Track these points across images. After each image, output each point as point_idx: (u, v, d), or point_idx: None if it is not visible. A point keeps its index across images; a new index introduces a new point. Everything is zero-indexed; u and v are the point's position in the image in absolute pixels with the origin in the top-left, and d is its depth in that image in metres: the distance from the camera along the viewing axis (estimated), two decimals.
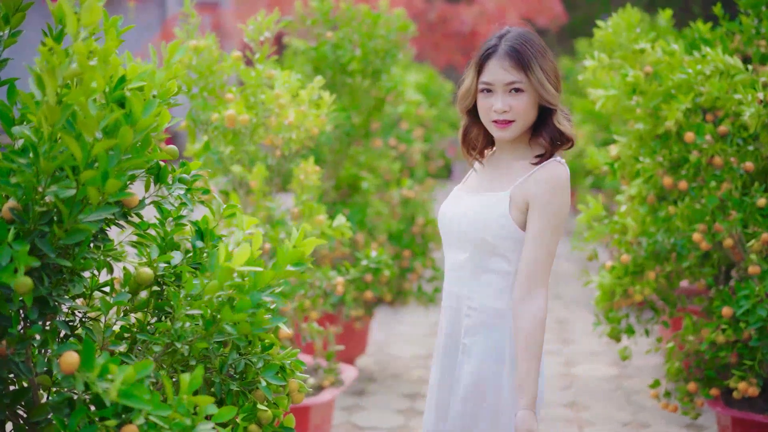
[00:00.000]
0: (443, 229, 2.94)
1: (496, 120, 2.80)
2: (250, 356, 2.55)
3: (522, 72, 2.76)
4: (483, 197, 2.85)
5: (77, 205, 2.13)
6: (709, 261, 4.63)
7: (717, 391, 4.33)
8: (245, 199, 4.51)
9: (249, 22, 4.30)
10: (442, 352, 2.94)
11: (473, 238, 2.82)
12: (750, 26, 4.92)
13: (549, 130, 2.83)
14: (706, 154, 4.28)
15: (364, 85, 5.97)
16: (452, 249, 2.91)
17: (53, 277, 2.23)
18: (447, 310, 2.94)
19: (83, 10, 1.99)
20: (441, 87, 10.40)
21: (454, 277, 2.90)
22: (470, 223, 2.82)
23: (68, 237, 2.14)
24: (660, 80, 4.35)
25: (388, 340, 7.18)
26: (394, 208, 6.51)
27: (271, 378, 2.54)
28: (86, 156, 2.06)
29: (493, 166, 2.93)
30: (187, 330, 2.36)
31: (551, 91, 2.78)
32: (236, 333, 2.32)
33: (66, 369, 2.02)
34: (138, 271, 2.37)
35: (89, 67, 2.00)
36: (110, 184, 2.08)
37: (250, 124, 4.13)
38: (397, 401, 5.74)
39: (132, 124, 2.13)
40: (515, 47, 2.77)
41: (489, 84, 2.79)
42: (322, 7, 5.81)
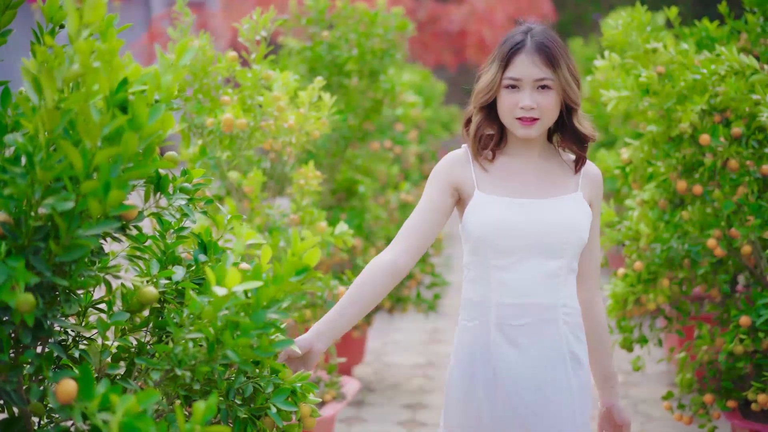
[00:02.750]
0: (518, 240, 2.69)
1: (521, 117, 2.68)
2: (258, 380, 2.38)
3: (551, 69, 2.67)
4: (561, 200, 2.75)
5: (76, 219, 1.95)
6: (722, 268, 4.48)
7: (734, 403, 4.17)
8: (240, 205, 4.33)
9: (244, 21, 4.12)
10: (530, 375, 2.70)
11: (573, 242, 2.72)
12: (756, 24, 4.79)
13: (570, 130, 2.78)
14: (721, 157, 4.13)
15: (360, 86, 5.80)
16: (536, 258, 2.70)
17: (47, 296, 2.05)
18: (525, 328, 2.71)
19: (86, 6, 1.80)
20: (433, 87, 10.24)
21: (543, 288, 2.71)
22: (569, 227, 2.71)
23: (66, 253, 1.95)
24: (672, 81, 4.19)
25: (386, 348, 7.01)
26: (392, 212, 6.34)
27: (282, 404, 2.37)
28: (87, 165, 1.87)
29: (521, 166, 2.79)
30: (188, 353, 2.17)
31: (575, 89, 2.71)
32: (239, 359, 2.14)
33: (63, 399, 1.84)
34: (141, 290, 2.19)
35: (92, 69, 1.82)
36: (113, 195, 1.90)
37: (248, 128, 3.95)
38: (397, 413, 5.57)
39: (136, 131, 1.94)
40: (545, 43, 2.68)
41: (516, 80, 2.68)
42: (318, 6, 5.64)
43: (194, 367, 2.17)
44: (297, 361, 2.57)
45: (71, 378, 1.89)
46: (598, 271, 2.92)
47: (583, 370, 2.77)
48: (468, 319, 2.79)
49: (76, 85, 1.97)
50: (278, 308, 2.15)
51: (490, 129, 2.80)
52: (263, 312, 2.11)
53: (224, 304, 2.05)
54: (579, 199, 2.77)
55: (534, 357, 2.70)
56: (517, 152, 2.80)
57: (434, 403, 5.76)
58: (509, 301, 2.70)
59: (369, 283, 2.68)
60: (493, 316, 2.72)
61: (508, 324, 2.70)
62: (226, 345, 2.11)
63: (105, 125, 1.88)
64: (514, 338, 2.70)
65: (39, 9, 2.32)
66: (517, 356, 2.70)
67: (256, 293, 2.10)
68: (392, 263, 2.70)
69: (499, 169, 2.79)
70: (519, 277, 2.70)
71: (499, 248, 2.70)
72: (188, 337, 2.13)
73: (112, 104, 1.98)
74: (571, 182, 2.80)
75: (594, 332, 2.91)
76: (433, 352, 6.96)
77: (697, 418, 4.29)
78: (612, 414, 2.93)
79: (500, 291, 2.71)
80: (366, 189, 6.04)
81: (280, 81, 3.99)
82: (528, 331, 2.70)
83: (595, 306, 2.90)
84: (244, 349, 2.13)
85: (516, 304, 2.70)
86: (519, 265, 2.70)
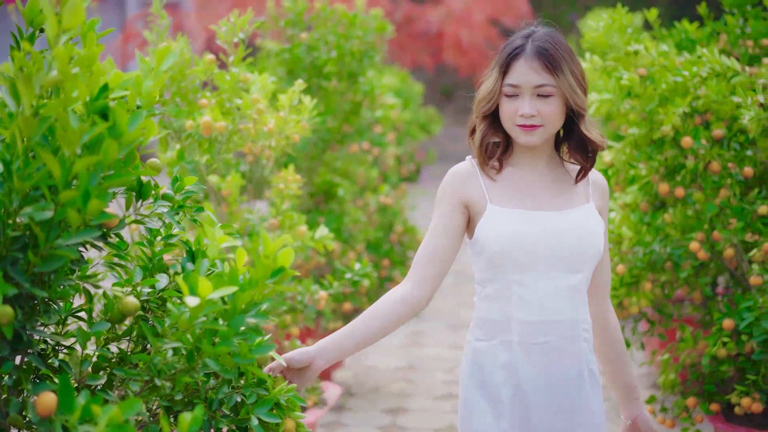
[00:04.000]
0: (539, 254, 2.58)
1: (522, 124, 2.56)
2: (242, 390, 2.33)
3: (552, 74, 2.54)
4: (577, 212, 2.64)
5: (54, 229, 1.90)
6: (703, 270, 4.46)
7: (717, 406, 4.16)
8: (218, 209, 4.28)
9: (222, 24, 4.06)
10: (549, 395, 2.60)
11: (592, 255, 2.62)
12: (735, 26, 4.79)
13: (576, 137, 2.64)
14: (703, 160, 4.11)
15: (339, 88, 5.76)
16: (557, 273, 2.59)
17: (26, 307, 2.00)
18: (547, 346, 2.60)
19: (66, 10, 1.75)
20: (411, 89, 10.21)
21: (565, 304, 2.60)
22: (588, 239, 2.61)
23: (45, 264, 1.90)
24: (654, 83, 4.18)
25: (365, 351, 6.96)
26: (371, 215, 6.30)
27: (265, 415, 2.31)
28: (66, 174, 1.82)
29: (530, 177, 2.67)
30: (167, 363, 2.13)
31: (581, 95, 2.58)
32: (219, 368, 2.10)
33: (42, 411, 1.80)
34: (123, 300, 2.14)
35: (71, 75, 1.77)
36: (93, 205, 1.85)
37: (227, 131, 3.90)
38: (378, 417, 5.53)
39: (116, 138, 1.89)
40: (545, 47, 2.55)
41: (515, 86, 2.56)
42: (296, 7, 5.60)
43: (174, 377, 2.12)
44: (293, 373, 2.51)
45: (51, 391, 1.85)
46: (608, 285, 2.84)
47: (599, 387, 2.69)
48: (485, 338, 2.66)
49: (55, 91, 1.93)
50: (257, 312, 2.11)
51: (496, 137, 2.67)
52: (241, 317, 2.06)
53: (200, 312, 2.00)
54: (592, 210, 2.67)
55: (556, 376, 2.61)
56: (524, 162, 2.68)
57: (415, 407, 5.73)
58: (532, 318, 2.59)
59: (379, 317, 2.57)
60: (516, 335, 2.60)
61: (532, 342, 2.59)
62: (205, 353, 2.06)
63: (84, 133, 1.83)
64: (537, 357, 2.59)
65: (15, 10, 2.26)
66: (540, 376, 2.60)
67: (233, 298, 2.06)
68: (406, 296, 2.58)
69: (508, 181, 2.67)
70: (541, 293, 2.59)
71: (518, 263, 2.58)
72: (167, 346, 2.08)
73: (92, 111, 1.93)
74: (581, 193, 2.70)
75: (612, 346, 2.85)
76: (413, 356, 6.93)
77: (679, 421, 4.27)
78: (638, 425, 2.87)
79: (522, 308, 2.59)
80: (345, 192, 6.00)
81: (259, 83, 3.94)
82: (549, 348, 2.60)
83: (610, 319, 2.84)
84: (224, 357, 2.09)
85: (539, 321, 2.59)
86: (540, 280, 2.59)
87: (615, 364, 2.86)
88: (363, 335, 2.56)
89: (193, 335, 2.07)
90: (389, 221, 6.43)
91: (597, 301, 2.79)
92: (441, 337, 7.41)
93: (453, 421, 5.49)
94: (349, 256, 5.74)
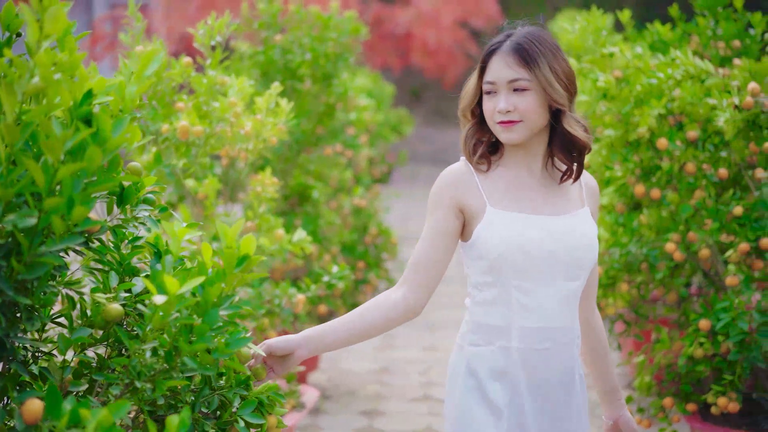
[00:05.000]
0: (540, 259, 2.53)
1: (500, 121, 2.51)
2: (224, 392, 2.31)
3: (526, 69, 2.48)
4: (574, 217, 2.59)
5: (38, 236, 1.88)
6: (678, 271, 4.49)
7: (694, 406, 4.18)
8: (194, 211, 4.25)
9: (199, 26, 4.04)
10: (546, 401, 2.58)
11: (588, 261, 2.59)
12: (706, 27, 4.83)
13: (561, 136, 2.55)
14: (678, 161, 4.14)
15: (313, 90, 5.75)
16: (557, 279, 2.55)
17: (8, 314, 1.98)
18: (544, 353, 2.56)
19: (47, 16, 1.73)
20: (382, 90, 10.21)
21: (564, 311, 2.57)
22: (587, 246, 2.57)
23: (28, 271, 1.88)
24: (630, 85, 4.19)
25: (340, 354, 6.95)
26: (345, 217, 6.29)
27: (250, 416, 2.31)
28: (49, 181, 1.80)
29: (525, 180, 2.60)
30: (146, 365, 2.11)
31: (558, 89, 2.49)
32: (197, 366, 2.08)
33: (29, 419, 1.77)
34: (106, 307, 2.12)
35: (54, 82, 1.75)
36: (77, 211, 1.83)
37: (204, 135, 3.87)
38: (355, 420, 5.52)
39: (100, 144, 1.88)
40: (520, 43, 2.50)
41: (492, 83, 2.52)
42: (270, 9, 5.58)
43: (154, 378, 2.11)
44: (275, 360, 2.48)
45: (36, 397, 1.83)
46: (596, 288, 2.84)
47: (585, 391, 2.69)
48: (482, 343, 2.60)
49: (36, 98, 1.90)
50: (230, 304, 2.10)
51: (480, 136, 2.62)
52: (215, 311, 2.05)
53: (172, 309, 1.98)
54: (587, 215, 2.63)
55: (552, 382, 2.57)
56: (518, 164, 2.61)
57: (391, 410, 5.72)
58: (533, 324, 2.54)
59: (368, 319, 2.52)
60: (515, 341, 2.55)
61: (531, 348, 2.55)
62: (183, 351, 2.05)
63: (68, 139, 1.81)
64: (535, 363, 2.55)
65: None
66: (538, 382, 2.56)
67: (203, 292, 2.05)
68: (399, 301, 2.54)
69: (504, 183, 2.60)
70: (541, 300, 2.54)
71: (520, 268, 2.52)
72: (145, 347, 2.07)
73: (75, 117, 1.91)
74: (576, 197, 2.65)
75: (596, 349, 2.85)
76: (387, 358, 6.92)
77: (656, 421, 4.31)
78: (620, 426, 2.89)
79: (523, 314, 2.54)
80: (319, 194, 5.99)
81: (236, 87, 3.92)
82: (547, 355, 2.56)
83: (596, 322, 2.84)
84: (202, 354, 2.08)
85: (539, 328, 2.55)
86: (541, 286, 2.54)
87: (599, 365, 2.86)
88: (349, 333, 2.52)
89: (170, 334, 2.06)
90: (363, 223, 6.42)
91: (584, 304, 2.78)
92: (414, 339, 7.40)
93: (429, 422, 5.48)
94: (325, 258, 5.72)
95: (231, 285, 2.05)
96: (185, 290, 1.91)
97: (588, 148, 2.59)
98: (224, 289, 2.04)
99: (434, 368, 6.65)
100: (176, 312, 1.97)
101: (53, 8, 1.73)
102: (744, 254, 3.95)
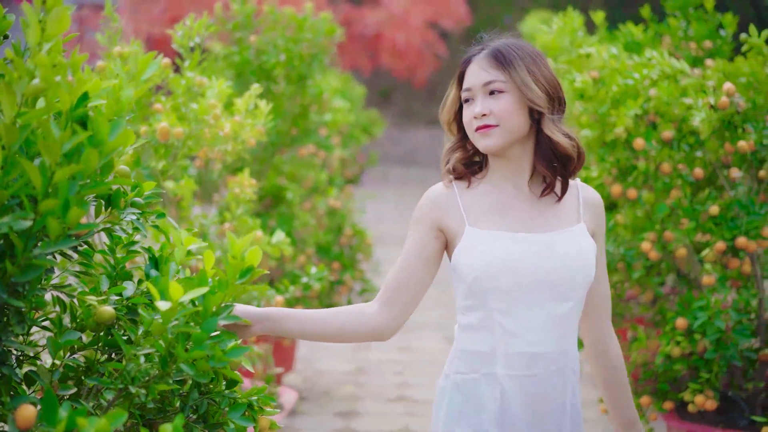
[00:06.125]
0: (522, 280, 2.38)
1: (477, 127, 2.40)
2: (212, 395, 2.31)
3: (501, 70, 2.40)
4: (565, 234, 2.44)
5: (32, 238, 1.87)
6: (654, 270, 4.52)
7: (671, 404, 4.22)
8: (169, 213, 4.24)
9: (177, 27, 4.03)
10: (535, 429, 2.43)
11: (582, 281, 2.43)
12: (678, 28, 4.87)
13: (543, 144, 2.44)
14: (654, 161, 4.17)
15: (288, 91, 5.74)
16: (544, 301, 2.40)
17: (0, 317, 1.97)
18: (533, 380, 2.42)
19: (51, 18, 1.72)
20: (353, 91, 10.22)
21: (552, 335, 2.41)
22: (577, 264, 2.41)
23: (22, 274, 1.87)
24: (606, 86, 4.23)
25: (315, 355, 6.95)
26: (320, 218, 6.28)
27: (240, 419, 2.30)
28: (46, 183, 1.80)
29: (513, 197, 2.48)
30: (141, 370, 2.11)
31: (535, 90, 2.38)
32: (194, 373, 2.08)
33: (22, 425, 1.76)
34: (98, 309, 2.11)
35: (55, 84, 1.74)
36: (72, 213, 1.83)
37: (183, 136, 3.86)
38: (331, 421, 5.52)
39: (97, 147, 1.87)
40: (496, 47, 2.44)
41: (469, 90, 2.44)
42: (245, 10, 5.57)
43: (148, 384, 2.10)
44: (231, 326, 2.39)
45: (29, 403, 1.82)
46: (608, 309, 2.61)
47: (580, 423, 2.51)
48: (466, 371, 2.47)
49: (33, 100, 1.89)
50: (228, 314, 2.10)
51: (464, 153, 2.53)
52: (213, 320, 2.05)
53: (173, 316, 1.98)
54: (583, 232, 2.47)
55: (542, 410, 2.43)
56: (504, 179, 2.49)
57: (367, 410, 5.73)
58: (517, 350, 2.40)
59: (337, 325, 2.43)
60: (500, 367, 2.42)
61: (518, 375, 2.41)
62: (179, 358, 2.04)
63: (65, 142, 1.80)
64: (523, 390, 2.42)
65: None
66: (526, 410, 2.43)
67: (204, 301, 2.05)
68: (369, 319, 2.43)
69: (488, 201, 2.47)
70: (526, 324, 2.40)
71: (501, 291, 2.39)
72: (141, 352, 2.06)
73: (72, 119, 1.91)
74: (571, 212, 2.50)
75: (611, 377, 2.62)
76: (362, 359, 6.92)
77: None
78: None
79: (506, 339, 2.40)
80: (294, 195, 5.98)
81: (216, 88, 3.91)
82: (537, 381, 2.42)
83: (610, 348, 2.61)
84: (200, 361, 2.07)
85: (525, 354, 2.40)
86: (525, 309, 2.39)
87: (615, 394, 2.63)
88: (312, 329, 2.42)
89: (166, 340, 2.05)
90: (338, 224, 6.42)
91: (596, 327, 2.60)
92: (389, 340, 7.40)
93: (406, 423, 5.49)
94: (300, 259, 5.72)
95: (231, 295, 2.05)
96: (187, 298, 1.91)
97: (572, 159, 2.45)
98: (225, 298, 2.04)
99: (409, 369, 6.67)
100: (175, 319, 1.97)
101: (57, 9, 1.72)
102: (720, 253, 3.98)
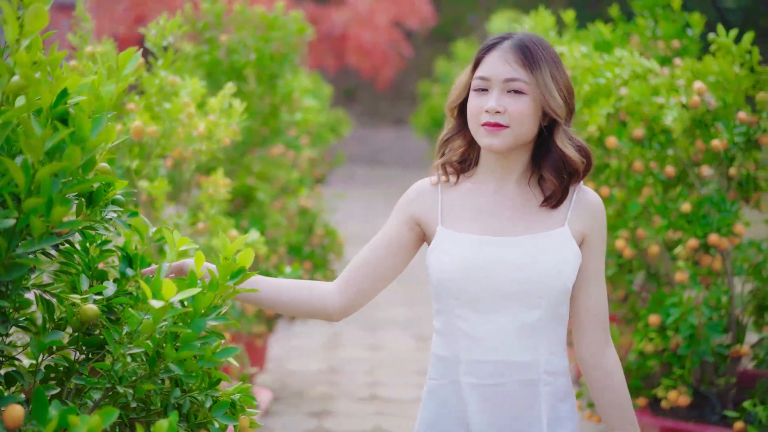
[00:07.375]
0: (484, 286, 2.30)
1: (486, 122, 2.26)
2: (194, 394, 2.30)
3: (526, 70, 2.26)
4: (541, 237, 2.32)
5: (16, 237, 1.85)
6: (626, 267, 4.56)
7: (644, 400, 4.25)
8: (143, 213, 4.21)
9: (150, 27, 4.01)
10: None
11: (551, 289, 2.30)
12: (646, 27, 4.91)
13: (553, 153, 2.31)
14: (627, 160, 4.20)
15: (258, 91, 5.73)
16: (508, 307, 2.29)
17: None
18: (500, 389, 2.32)
19: (29, 14, 1.71)
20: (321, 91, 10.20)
21: (518, 344, 2.30)
22: (546, 269, 2.29)
23: (6, 273, 1.86)
24: (578, 85, 4.25)
25: (286, 355, 6.94)
26: (291, 218, 6.27)
27: (222, 418, 2.30)
28: (29, 181, 1.78)
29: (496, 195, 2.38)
30: (129, 370, 2.10)
31: (557, 98, 2.26)
32: (183, 372, 2.08)
33: (11, 424, 1.76)
34: (82, 308, 2.09)
35: (35, 80, 1.73)
36: (56, 212, 1.82)
37: (157, 135, 3.84)
38: (304, 421, 5.51)
39: (79, 144, 1.86)
40: (525, 42, 2.29)
41: (485, 79, 2.28)
42: (215, 9, 5.55)
43: (135, 384, 2.10)
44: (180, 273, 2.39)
45: (17, 403, 1.81)
46: (603, 322, 2.41)
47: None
48: (436, 377, 2.40)
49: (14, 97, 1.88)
50: (217, 315, 2.10)
51: (462, 142, 2.41)
52: (202, 320, 2.05)
53: (163, 316, 1.98)
54: (565, 236, 2.32)
55: (508, 423, 2.33)
56: (490, 179, 2.38)
57: (340, 410, 5.73)
58: (480, 357, 2.32)
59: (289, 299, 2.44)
60: (464, 375, 2.34)
61: (482, 384, 2.33)
62: (168, 358, 2.04)
63: (48, 139, 1.79)
64: (488, 400, 2.33)
65: None
66: (491, 422, 2.33)
67: (193, 301, 2.05)
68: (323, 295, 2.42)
69: (469, 200, 2.38)
70: (488, 331, 2.31)
71: (462, 295, 2.31)
72: (130, 352, 2.06)
73: (52, 116, 1.89)
74: (557, 215, 2.35)
75: (607, 396, 2.43)
76: (333, 358, 6.92)
77: None
78: None
79: (469, 346, 2.32)
80: (265, 195, 5.96)
81: (189, 87, 3.90)
82: (503, 392, 2.32)
83: (604, 365, 2.41)
84: (189, 361, 2.07)
85: (489, 362, 2.31)
86: (488, 315, 2.30)
87: (610, 416, 2.44)
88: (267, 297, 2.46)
89: (154, 341, 2.05)
90: (309, 224, 6.40)
91: (587, 340, 2.41)
92: (358, 338, 7.43)
93: (378, 422, 5.50)
94: (272, 259, 5.70)
95: (221, 296, 2.05)
96: (179, 298, 1.91)
97: (578, 172, 2.34)
98: (215, 299, 2.04)
99: (380, 368, 6.67)
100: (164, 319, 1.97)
101: (34, 6, 1.71)
102: (693, 250, 4.02)
